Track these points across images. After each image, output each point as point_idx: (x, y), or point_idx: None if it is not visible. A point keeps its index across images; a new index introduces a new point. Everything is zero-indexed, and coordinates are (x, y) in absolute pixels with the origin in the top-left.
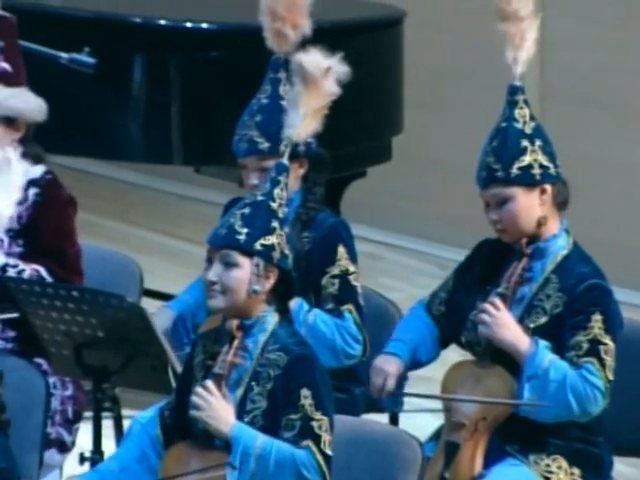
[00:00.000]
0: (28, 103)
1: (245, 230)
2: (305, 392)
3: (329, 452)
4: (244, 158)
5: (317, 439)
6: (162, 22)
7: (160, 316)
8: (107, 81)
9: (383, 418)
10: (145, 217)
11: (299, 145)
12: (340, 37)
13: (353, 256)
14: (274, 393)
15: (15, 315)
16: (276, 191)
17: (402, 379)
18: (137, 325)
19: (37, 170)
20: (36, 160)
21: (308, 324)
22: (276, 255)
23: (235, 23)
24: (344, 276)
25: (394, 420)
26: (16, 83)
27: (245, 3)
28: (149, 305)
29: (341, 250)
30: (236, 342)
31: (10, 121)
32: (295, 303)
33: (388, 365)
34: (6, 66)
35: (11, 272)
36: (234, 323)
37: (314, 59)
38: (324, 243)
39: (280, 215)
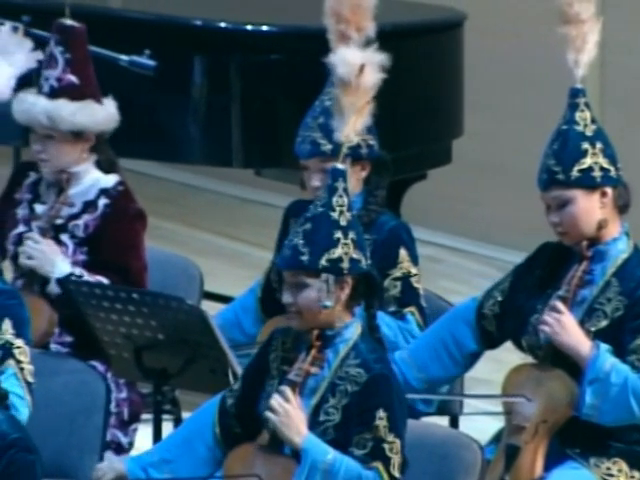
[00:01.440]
0: (94, 117)
1: (307, 249)
2: (381, 413)
3: (397, 475)
4: (307, 159)
5: (387, 461)
6: (222, 24)
7: None
8: (167, 84)
9: (443, 421)
10: (205, 220)
11: (362, 147)
12: (401, 40)
13: (414, 258)
14: (349, 409)
15: None
16: (334, 199)
17: None
18: (197, 327)
19: (110, 180)
20: (109, 167)
21: None
22: (345, 265)
23: (295, 25)
24: (406, 278)
25: (454, 423)
26: (82, 96)
27: (306, 5)
28: (209, 307)
29: (402, 252)
30: (314, 351)
31: (77, 134)
32: None
33: None
34: (73, 78)
35: None
36: (314, 333)
37: (346, 58)
38: (385, 246)
39: (343, 223)
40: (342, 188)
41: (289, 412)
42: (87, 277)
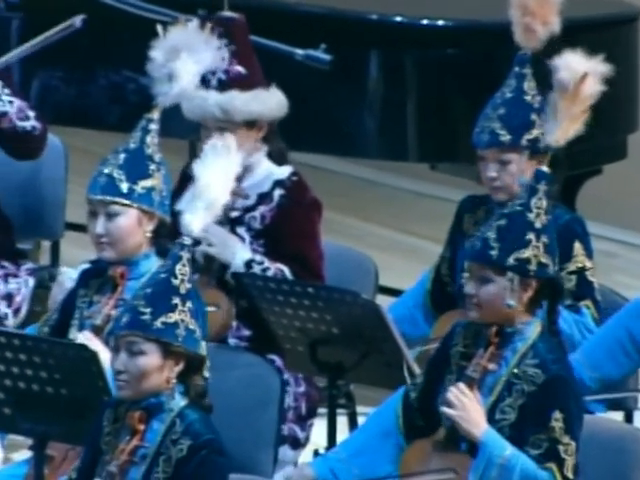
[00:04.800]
0: (266, 104)
1: (498, 245)
2: (557, 415)
3: (571, 477)
4: (484, 150)
5: (561, 462)
6: (398, 19)
7: None
8: (342, 78)
9: (618, 416)
10: (380, 214)
11: (539, 142)
12: (576, 34)
13: (589, 252)
14: (525, 408)
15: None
16: (533, 200)
17: None
18: (372, 322)
19: (283, 171)
20: (280, 158)
21: None
22: (532, 267)
23: (471, 20)
24: (581, 272)
25: (629, 418)
26: (251, 85)
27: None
28: (384, 302)
29: (577, 246)
30: (492, 348)
31: (250, 123)
32: None
33: None
34: (240, 69)
35: (256, 269)
36: (493, 329)
37: (570, 64)
38: (560, 239)
39: (537, 226)
40: (543, 191)
41: (467, 405)
42: (267, 264)
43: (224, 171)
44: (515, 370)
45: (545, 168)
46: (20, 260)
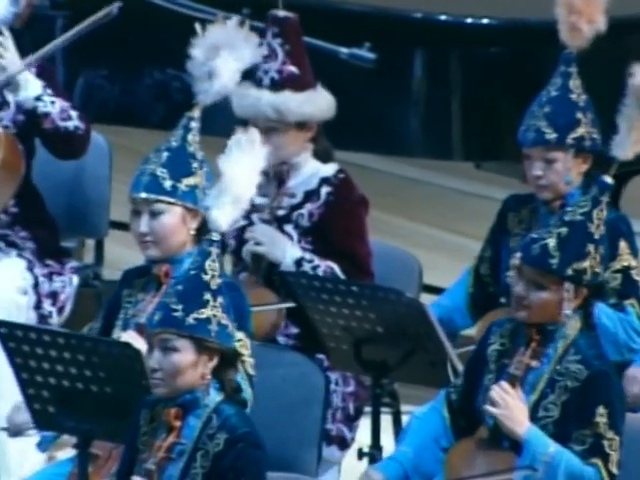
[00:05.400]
0: (318, 106)
1: (559, 254)
2: (601, 410)
3: (615, 471)
4: (530, 148)
5: (606, 458)
6: (442, 17)
7: None
8: (387, 77)
9: None
10: (425, 212)
11: (585, 140)
12: (625, 33)
13: (634, 251)
14: (568, 405)
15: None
16: (595, 212)
17: None
18: (416, 320)
19: (329, 169)
20: (325, 157)
21: None
22: (587, 278)
23: (515, 19)
24: (626, 271)
25: None
26: (304, 86)
27: None
28: (428, 300)
29: (622, 245)
30: (534, 345)
31: (301, 124)
32: None
33: None
34: (294, 69)
35: (306, 267)
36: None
37: None
38: (605, 238)
39: (596, 237)
40: (605, 202)
41: (509, 404)
42: (317, 262)
43: (249, 165)
44: (557, 367)
45: (609, 179)
46: (64, 258)
